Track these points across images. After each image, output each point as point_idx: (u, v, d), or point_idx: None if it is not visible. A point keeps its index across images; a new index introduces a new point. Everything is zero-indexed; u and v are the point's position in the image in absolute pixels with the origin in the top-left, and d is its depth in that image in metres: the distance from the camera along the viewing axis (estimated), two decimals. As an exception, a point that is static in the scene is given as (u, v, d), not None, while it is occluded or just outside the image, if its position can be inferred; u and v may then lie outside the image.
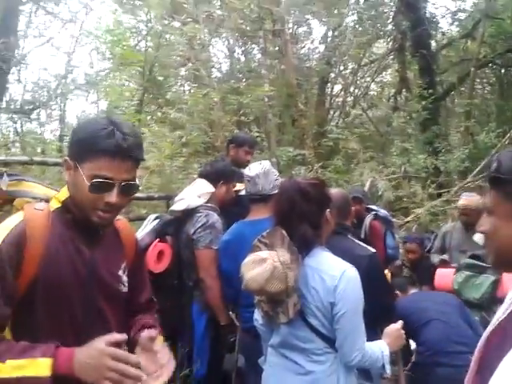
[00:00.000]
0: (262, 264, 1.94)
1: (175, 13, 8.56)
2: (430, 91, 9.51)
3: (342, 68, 11.14)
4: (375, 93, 12.19)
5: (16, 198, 1.58)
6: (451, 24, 12.13)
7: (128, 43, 9.20)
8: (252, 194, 2.86)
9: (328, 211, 2.09)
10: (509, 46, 10.56)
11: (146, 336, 1.47)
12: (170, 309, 2.87)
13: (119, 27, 9.36)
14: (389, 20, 11.21)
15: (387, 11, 11.30)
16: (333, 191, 2.80)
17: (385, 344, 2.07)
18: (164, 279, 2.99)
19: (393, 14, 10.96)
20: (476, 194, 4.40)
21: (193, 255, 3.04)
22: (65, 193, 1.50)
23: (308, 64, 10.61)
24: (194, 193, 3.18)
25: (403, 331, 2.20)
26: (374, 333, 2.27)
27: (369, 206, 4.40)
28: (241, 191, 3.20)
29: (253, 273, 1.95)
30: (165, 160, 5.77)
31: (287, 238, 1.99)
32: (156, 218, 3.24)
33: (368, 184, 6.54)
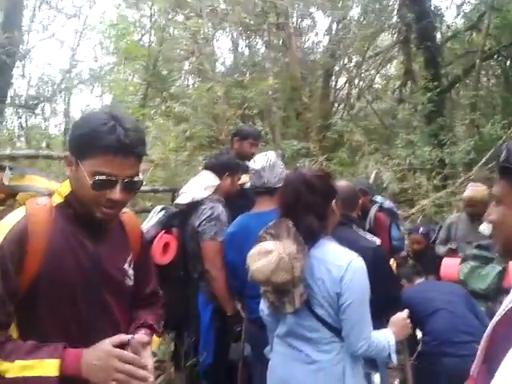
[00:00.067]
0: (268, 255, 1.95)
1: (179, 7, 8.56)
2: (435, 83, 9.46)
3: (347, 61, 11.10)
4: (380, 85, 12.15)
5: (19, 193, 1.56)
6: (456, 16, 12.07)
7: (132, 37, 9.21)
8: (257, 187, 2.84)
9: (334, 202, 2.10)
10: (514, 38, 10.49)
11: (138, 340, 1.42)
12: (176, 300, 2.89)
13: (123, 22, 9.35)
14: (393, 12, 11.16)
15: (392, 3, 11.26)
16: (340, 183, 2.81)
17: (391, 333, 2.08)
18: (170, 271, 3.00)
19: (397, 7, 10.90)
20: (482, 185, 4.39)
21: (198, 247, 3.05)
22: (67, 187, 1.48)
23: (312, 57, 10.59)
24: (200, 185, 3.18)
25: (409, 320, 2.21)
26: (380, 322, 2.27)
27: (374, 198, 4.39)
28: (246, 184, 3.20)
29: (259, 264, 1.95)
30: (169, 153, 5.80)
31: (293, 229, 1.99)
32: (161, 210, 3.25)
33: (373, 176, 6.53)
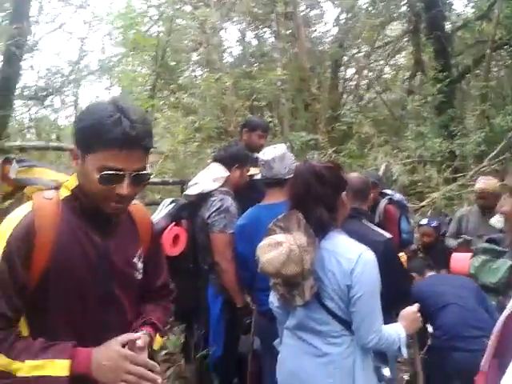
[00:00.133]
0: (278, 247, 1.94)
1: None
2: (445, 74, 9.35)
3: (356, 51, 11.00)
4: (389, 76, 12.04)
5: (26, 186, 1.54)
6: (466, 5, 11.90)
7: (140, 28, 9.17)
8: (267, 178, 2.84)
9: (344, 194, 2.08)
10: (525, 28, 10.31)
11: (135, 344, 1.39)
12: (186, 292, 2.90)
13: (131, 12, 9.32)
14: (403, 1, 11.01)
15: (401, -8, 11.11)
16: (351, 175, 2.80)
17: (401, 327, 2.07)
18: (179, 263, 3.01)
19: (407, -5, 10.77)
20: (493, 178, 4.34)
21: (208, 239, 3.05)
22: (74, 181, 1.45)
23: (321, 47, 10.50)
24: (209, 177, 3.18)
25: (419, 314, 2.20)
26: (389, 316, 2.26)
27: (383, 191, 4.36)
28: (255, 175, 3.19)
29: (269, 256, 1.95)
30: (178, 145, 5.80)
31: (303, 221, 1.98)
32: (171, 203, 3.25)
33: (383, 168, 6.48)
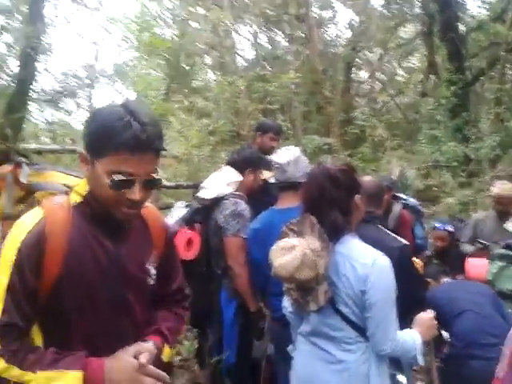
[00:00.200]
0: (292, 251, 1.92)
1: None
2: (459, 76, 9.27)
3: (369, 53, 10.95)
4: (402, 78, 11.95)
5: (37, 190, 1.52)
6: (480, 7, 11.79)
7: (153, 31, 9.25)
8: (281, 182, 2.82)
9: (358, 197, 2.06)
10: (539, 30, 10.18)
11: (140, 358, 1.36)
12: (199, 296, 2.89)
13: (145, 15, 9.40)
14: (416, 3, 10.94)
15: (415, -6, 11.04)
16: (365, 179, 2.76)
17: (417, 333, 2.03)
18: (193, 267, 3.01)
19: (420, -3, 10.70)
20: (508, 182, 4.29)
21: (221, 243, 3.04)
22: (84, 186, 1.42)
23: (333, 50, 10.47)
24: (222, 181, 3.18)
25: (435, 321, 2.16)
26: (404, 323, 2.23)
27: (397, 195, 4.32)
28: (269, 179, 3.18)
29: (282, 260, 1.93)
30: (192, 149, 5.82)
31: (317, 225, 1.96)
32: (185, 206, 3.25)
33: (397, 173, 6.43)
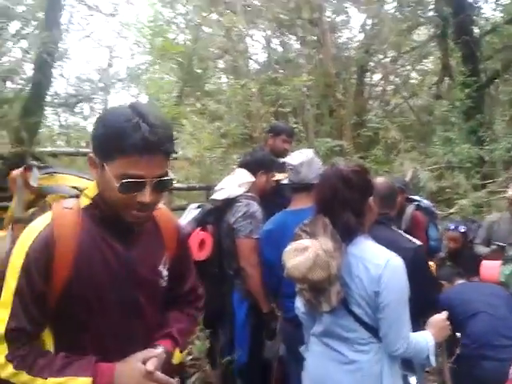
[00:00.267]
0: (305, 252, 1.93)
1: (212, 4, 8.61)
2: (474, 79, 9.19)
3: (382, 56, 10.92)
4: (416, 81, 11.89)
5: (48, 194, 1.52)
6: (495, 9, 11.66)
7: (167, 36, 9.33)
8: (294, 183, 2.83)
9: (371, 199, 2.06)
10: (554, 31, 10.07)
11: (147, 366, 1.35)
12: (211, 297, 2.89)
13: (158, 20, 9.49)
14: (430, 6, 10.89)
15: (428, -3, 10.98)
16: (378, 180, 2.76)
17: (430, 334, 2.03)
18: (205, 267, 3.02)
19: (434, 0, 10.63)
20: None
21: (233, 244, 3.06)
22: (94, 189, 1.40)
23: (347, 53, 10.45)
24: (235, 182, 3.19)
25: (448, 322, 2.16)
26: (417, 324, 2.23)
27: (411, 197, 4.30)
28: (282, 180, 3.19)
29: (295, 261, 1.94)
30: (204, 151, 5.86)
31: (330, 226, 1.97)
32: (197, 208, 3.28)
33: (410, 174, 6.40)
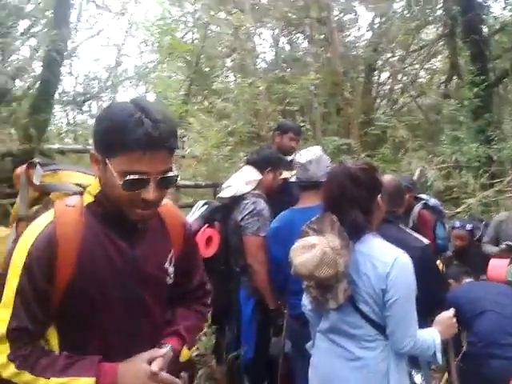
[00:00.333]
0: (312, 250, 1.94)
1: (221, 3, 8.62)
2: (482, 78, 9.14)
3: (390, 55, 10.88)
4: (424, 80, 11.84)
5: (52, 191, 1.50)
6: (504, 8, 11.58)
7: (175, 35, 9.35)
8: (302, 181, 2.84)
9: (379, 197, 2.06)
10: None
11: (152, 366, 1.34)
12: (218, 294, 2.91)
13: (167, 19, 9.51)
14: (438, 5, 10.83)
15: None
16: (385, 178, 2.76)
17: (436, 332, 2.03)
18: (212, 264, 3.03)
19: (442, -1, 10.59)
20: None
21: (240, 241, 3.07)
22: (97, 186, 1.37)
23: (354, 52, 10.42)
24: (242, 180, 3.21)
25: (455, 320, 2.16)
26: (424, 322, 2.23)
27: (418, 196, 4.28)
28: (290, 178, 3.20)
29: (302, 258, 1.95)
30: (211, 149, 5.88)
31: (337, 224, 1.97)
32: (204, 205, 3.29)
33: (417, 173, 6.38)
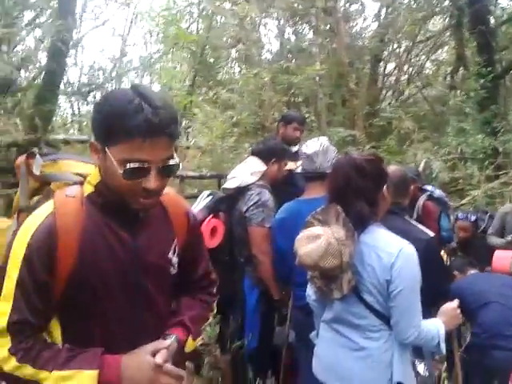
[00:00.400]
0: (317, 240, 1.94)
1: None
2: (489, 69, 9.07)
3: (396, 46, 10.81)
4: (430, 71, 11.76)
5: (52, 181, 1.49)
6: (511, -1, 11.48)
7: (180, 25, 9.31)
8: (308, 172, 2.82)
9: (385, 188, 2.06)
10: None
11: (156, 358, 1.32)
12: (222, 284, 2.92)
13: (172, 9, 9.47)
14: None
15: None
16: (391, 168, 2.74)
17: (441, 322, 2.04)
18: (216, 254, 3.04)
19: (450, -11, 10.48)
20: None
21: (245, 232, 3.08)
22: (97, 176, 1.35)
23: (360, 42, 10.36)
24: (247, 171, 3.20)
25: (459, 311, 2.16)
26: (428, 313, 2.23)
27: (424, 187, 4.27)
28: (295, 169, 3.19)
29: (307, 248, 1.95)
30: (216, 140, 5.88)
31: (342, 214, 1.97)
32: (209, 195, 3.30)
33: (422, 164, 6.35)
